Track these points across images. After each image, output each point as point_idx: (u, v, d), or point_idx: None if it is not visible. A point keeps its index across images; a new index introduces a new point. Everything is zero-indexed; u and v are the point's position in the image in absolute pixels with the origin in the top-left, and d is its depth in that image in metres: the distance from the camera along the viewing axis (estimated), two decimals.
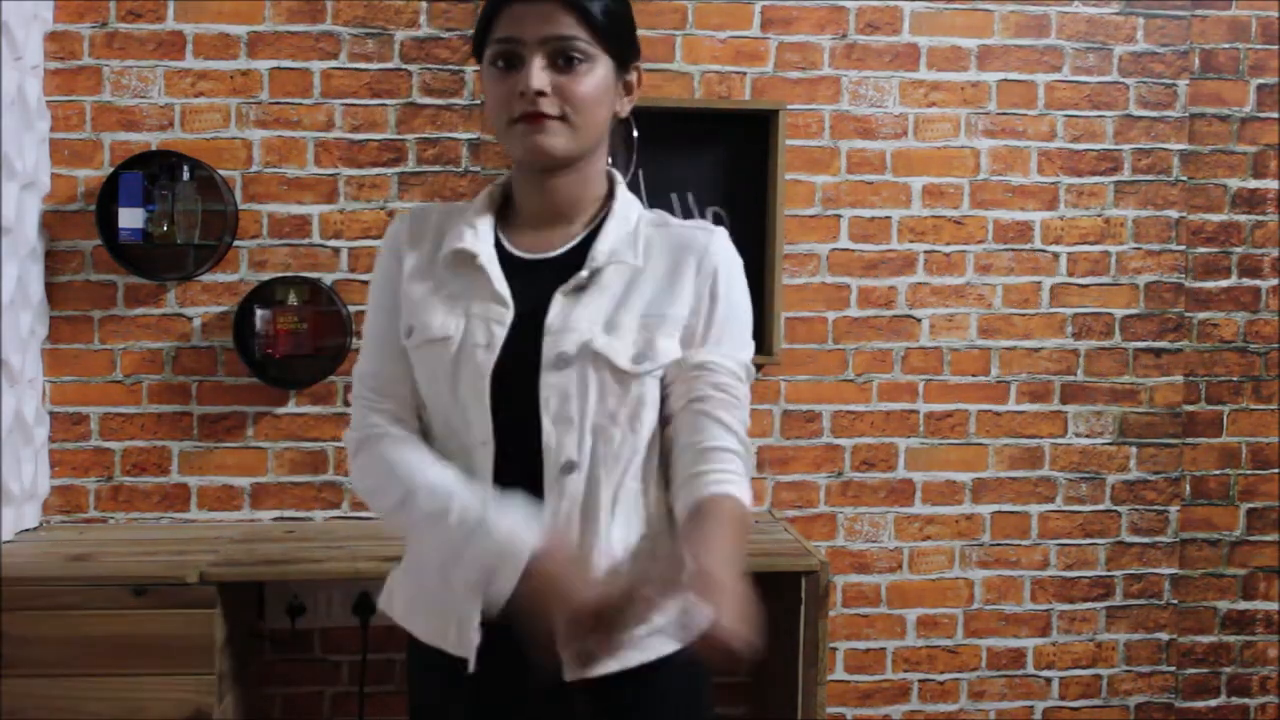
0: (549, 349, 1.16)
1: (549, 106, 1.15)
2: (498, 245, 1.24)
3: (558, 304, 1.18)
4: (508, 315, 1.18)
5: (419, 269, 1.24)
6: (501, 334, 1.17)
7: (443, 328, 1.18)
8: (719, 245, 1.24)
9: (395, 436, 1.22)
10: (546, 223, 1.25)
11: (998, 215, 2.73)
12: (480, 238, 1.22)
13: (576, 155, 1.20)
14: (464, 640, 1.18)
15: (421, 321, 1.20)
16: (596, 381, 1.16)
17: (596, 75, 1.17)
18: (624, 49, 1.21)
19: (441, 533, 1.14)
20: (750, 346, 1.26)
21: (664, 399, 1.22)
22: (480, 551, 1.11)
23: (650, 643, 1.13)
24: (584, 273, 1.19)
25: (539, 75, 1.14)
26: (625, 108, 1.24)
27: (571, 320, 1.17)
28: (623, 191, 1.27)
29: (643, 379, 1.18)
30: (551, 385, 1.16)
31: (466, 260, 1.21)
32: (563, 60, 1.15)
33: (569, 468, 1.17)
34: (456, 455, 1.20)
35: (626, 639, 1.02)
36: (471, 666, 1.18)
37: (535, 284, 1.20)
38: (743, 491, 1.17)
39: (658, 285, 1.21)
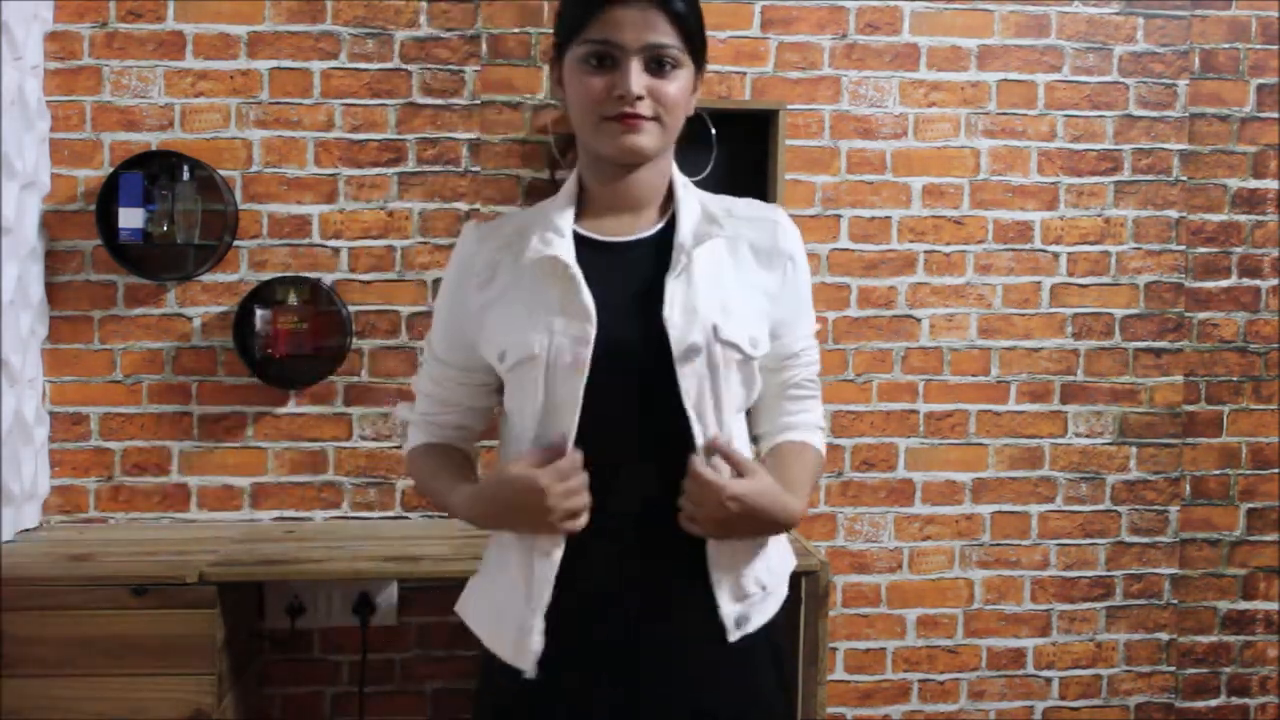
0: (677, 342, 1.21)
1: (644, 108, 1.21)
2: (577, 235, 1.28)
3: (670, 289, 1.23)
4: (592, 331, 1.21)
5: (502, 287, 1.28)
6: (587, 354, 1.21)
7: (537, 345, 1.22)
8: (793, 229, 1.37)
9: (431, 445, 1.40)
10: (622, 210, 1.30)
11: (998, 215, 2.73)
12: (566, 241, 1.26)
13: (661, 152, 1.27)
14: (520, 649, 1.25)
15: (513, 342, 1.24)
16: (723, 364, 1.23)
17: (683, 79, 1.23)
18: (703, 54, 1.27)
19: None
20: (813, 309, 1.41)
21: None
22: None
23: (779, 593, 1.34)
24: (683, 257, 1.25)
25: (638, 80, 1.19)
26: (692, 106, 1.29)
27: (691, 303, 1.23)
28: (680, 177, 1.34)
29: (754, 362, 1.28)
30: (688, 375, 1.22)
31: (556, 268, 1.25)
32: (655, 64, 1.21)
33: (710, 449, 1.23)
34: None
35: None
36: (531, 673, 1.24)
37: (618, 267, 1.26)
38: (820, 444, 1.38)
39: (750, 269, 1.30)
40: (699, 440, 1.22)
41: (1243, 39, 2.77)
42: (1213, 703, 2.84)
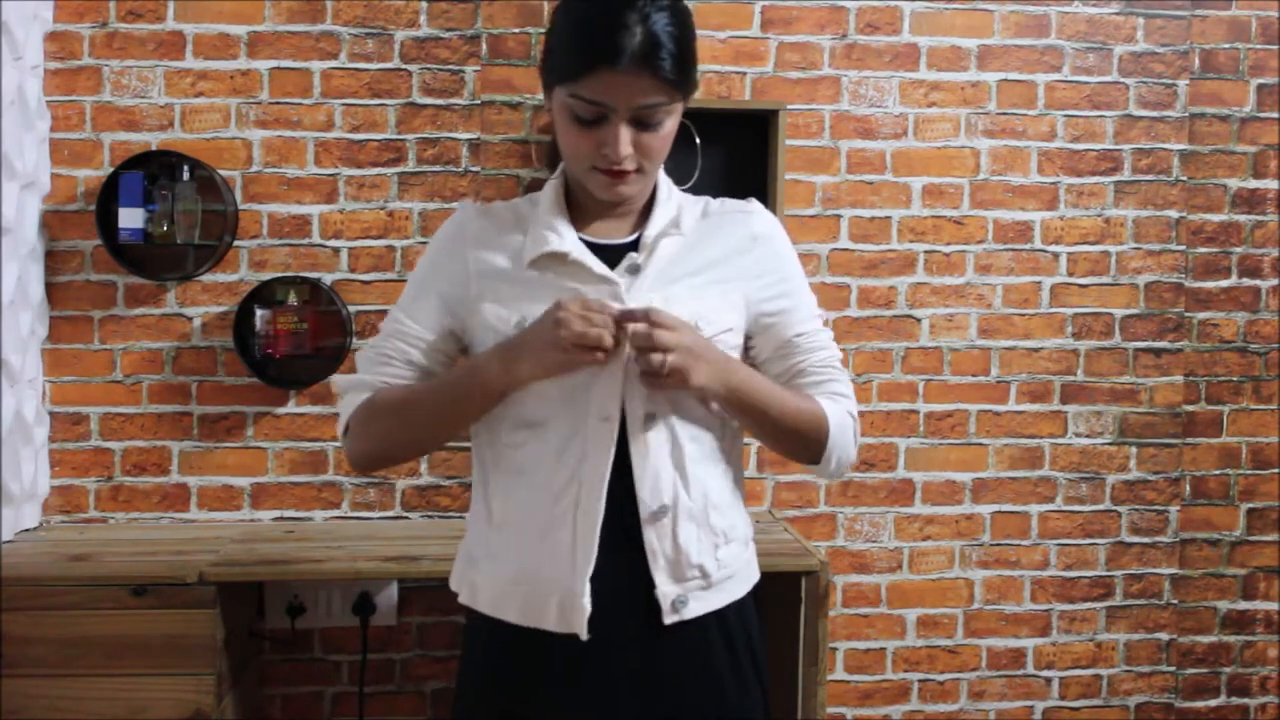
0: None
1: (630, 164, 1.24)
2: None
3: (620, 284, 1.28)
4: (621, 291, 1.27)
5: (510, 265, 1.30)
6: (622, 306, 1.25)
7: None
8: (765, 217, 1.38)
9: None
10: (608, 216, 1.34)
11: (998, 215, 2.73)
12: (565, 238, 1.29)
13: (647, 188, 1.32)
14: (569, 614, 1.26)
15: (535, 312, 1.25)
16: None
17: (670, 125, 1.26)
18: (691, 87, 1.27)
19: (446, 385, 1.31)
20: (813, 297, 1.42)
21: (757, 366, 1.38)
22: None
23: (729, 586, 1.33)
24: (638, 255, 1.29)
25: (626, 143, 1.22)
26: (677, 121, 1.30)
27: (633, 294, 1.27)
28: (664, 182, 1.37)
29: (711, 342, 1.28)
30: (628, 353, 1.24)
31: (559, 260, 1.29)
32: (643, 121, 1.22)
33: (650, 420, 1.27)
34: (561, 440, 1.26)
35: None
36: (584, 636, 1.25)
37: (610, 267, 1.29)
38: (833, 410, 1.33)
39: (710, 260, 1.32)
40: (631, 414, 1.25)
41: (1243, 39, 2.77)
42: (1213, 703, 2.84)
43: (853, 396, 1.38)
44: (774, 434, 1.32)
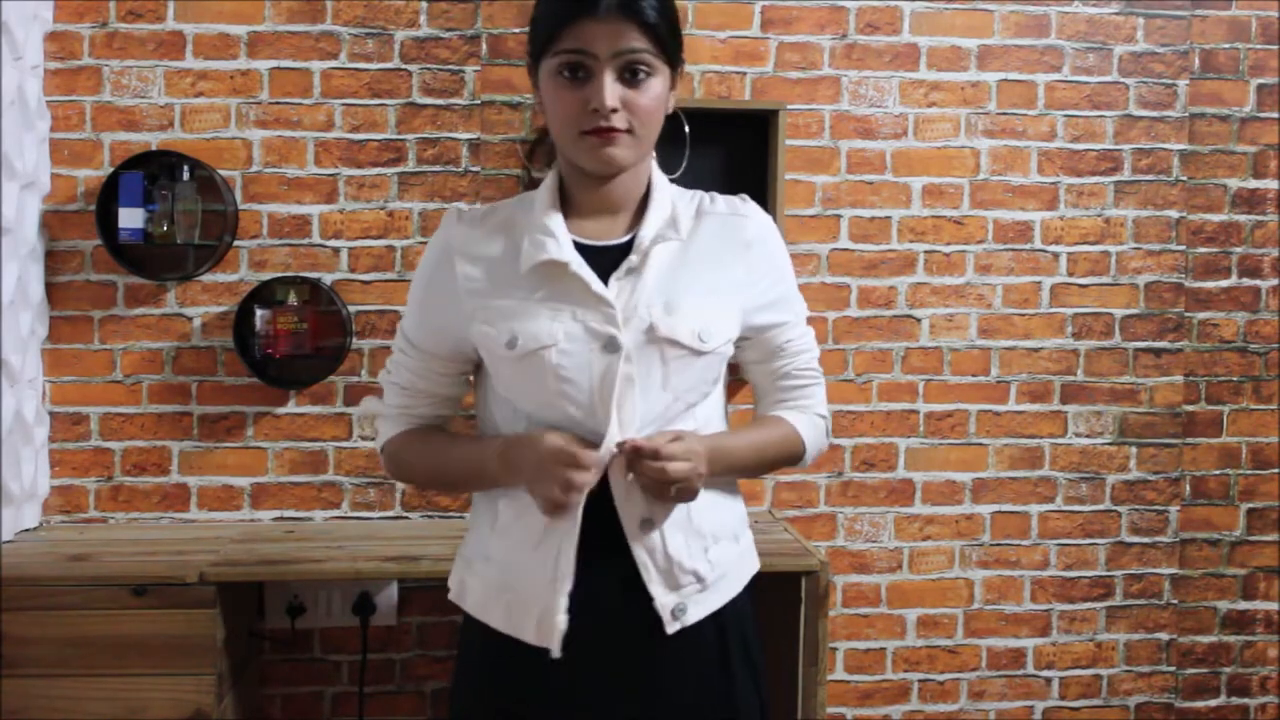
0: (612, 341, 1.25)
1: (619, 121, 1.22)
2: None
3: (614, 289, 1.26)
4: (617, 315, 1.24)
5: (499, 277, 1.29)
6: (616, 333, 1.24)
7: (550, 334, 1.24)
8: (758, 219, 1.37)
9: (421, 430, 1.40)
10: (602, 213, 1.32)
11: (998, 215, 2.73)
12: (563, 245, 1.27)
13: (638, 160, 1.28)
14: (546, 629, 1.26)
15: (527, 330, 1.25)
16: (660, 361, 1.25)
17: (657, 85, 1.24)
18: (678, 55, 1.28)
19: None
20: (801, 296, 1.43)
21: (736, 366, 1.39)
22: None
23: (724, 585, 1.34)
24: (634, 257, 1.28)
25: (612, 92, 1.20)
26: (671, 104, 1.30)
27: (631, 303, 1.26)
28: (658, 177, 1.35)
29: (708, 356, 1.28)
30: (616, 370, 1.23)
31: (557, 271, 1.26)
32: (629, 74, 1.21)
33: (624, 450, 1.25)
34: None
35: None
36: (556, 653, 1.25)
37: (602, 270, 1.27)
38: (803, 423, 1.38)
39: (708, 266, 1.30)
40: (612, 436, 1.22)
41: (1243, 39, 2.77)
42: (1213, 703, 2.84)
43: (824, 395, 1.43)
44: (757, 474, 1.43)
